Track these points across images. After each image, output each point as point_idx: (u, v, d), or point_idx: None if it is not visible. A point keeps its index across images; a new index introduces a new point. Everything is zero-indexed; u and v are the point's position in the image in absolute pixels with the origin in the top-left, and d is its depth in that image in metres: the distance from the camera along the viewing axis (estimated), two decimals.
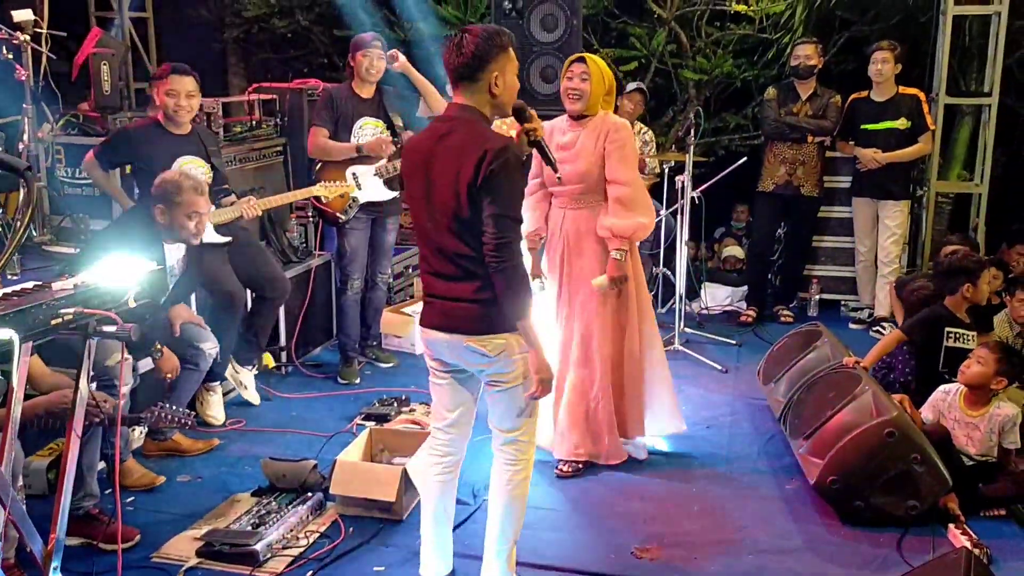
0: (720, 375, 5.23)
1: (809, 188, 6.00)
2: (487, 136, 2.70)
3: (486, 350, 2.76)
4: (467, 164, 2.64)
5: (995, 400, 3.74)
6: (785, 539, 3.49)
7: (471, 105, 2.76)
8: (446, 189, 2.70)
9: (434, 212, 2.75)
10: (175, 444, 4.13)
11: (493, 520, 2.97)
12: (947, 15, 6.19)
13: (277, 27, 8.20)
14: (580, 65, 3.74)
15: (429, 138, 2.80)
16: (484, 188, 2.63)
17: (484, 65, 2.70)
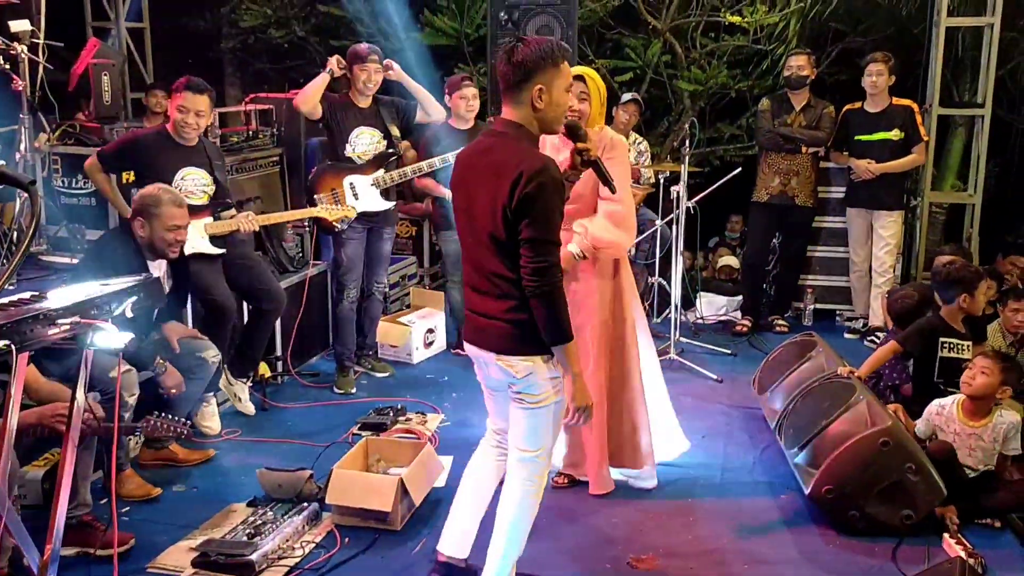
0: (715, 385, 5.24)
1: (803, 198, 6.03)
2: (524, 156, 2.61)
3: (513, 371, 2.73)
4: (503, 185, 2.58)
5: (997, 409, 3.75)
6: (780, 549, 3.49)
7: (516, 121, 2.69)
8: (484, 208, 2.66)
9: (473, 228, 2.73)
10: (171, 454, 4.12)
11: (500, 534, 2.91)
12: (940, 26, 6.23)
13: (274, 37, 8.24)
14: (579, 84, 3.54)
15: (475, 152, 2.78)
16: (519, 211, 2.57)
17: (530, 77, 2.63)
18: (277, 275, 5.01)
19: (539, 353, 2.71)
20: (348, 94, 4.95)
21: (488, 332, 2.76)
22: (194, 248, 4.35)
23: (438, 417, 4.71)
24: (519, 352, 2.71)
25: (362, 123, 4.94)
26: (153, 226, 3.71)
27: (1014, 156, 8.09)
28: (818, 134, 5.94)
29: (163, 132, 4.40)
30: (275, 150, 5.60)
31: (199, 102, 4.29)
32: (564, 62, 2.68)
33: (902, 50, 6.60)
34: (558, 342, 2.66)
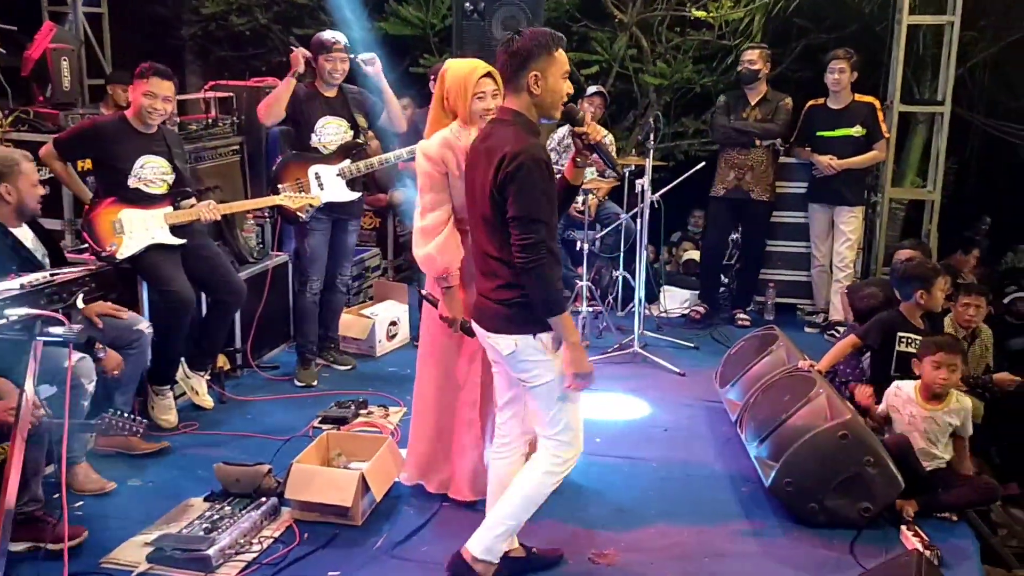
0: (678, 378, 5.26)
1: (759, 192, 6.07)
2: (509, 139, 2.75)
3: (500, 348, 2.88)
4: (491, 167, 2.75)
5: (953, 395, 3.81)
6: (741, 542, 3.51)
7: (514, 108, 2.83)
8: (478, 190, 2.85)
9: (473, 212, 2.93)
10: (125, 441, 4.03)
11: (507, 498, 2.99)
12: (902, 24, 6.30)
13: (235, 25, 8.10)
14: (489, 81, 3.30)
15: (478, 140, 2.95)
16: (502, 190, 2.72)
17: (525, 64, 2.76)
18: (237, 266, 4.93)
19: (521, 332, 2.82)
20: (314, 83, 4.88)
21: (482, 311, 2.95)
22: (154, 239, 4.28)
23: (401, 410, 4.67)
24: (503, 330, 2.86)
25: (328, 112, 4.88)
26: (20, 187, 3.60)
27: (973, 153, 8.21)
28: (771, 127, 5.98)
29: (122, 119, 4.31)
30: (235, 139, 5.50)
31: (166, 87, 4.23)
32: (559, 50, 2.79)
33: (865, 47, 6.66)
34: (551, 314, 2.76)
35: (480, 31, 5.89)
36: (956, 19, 6.26)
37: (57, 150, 4.27)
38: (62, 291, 3.04)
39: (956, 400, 3.80)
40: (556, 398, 2.89)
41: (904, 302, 4.30)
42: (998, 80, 7.77)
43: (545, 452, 2.97)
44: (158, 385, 4.35)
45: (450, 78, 3.37)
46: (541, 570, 3.24)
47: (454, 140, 3.32)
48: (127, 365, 3.97)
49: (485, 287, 2.92)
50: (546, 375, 2.86)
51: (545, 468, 2.96)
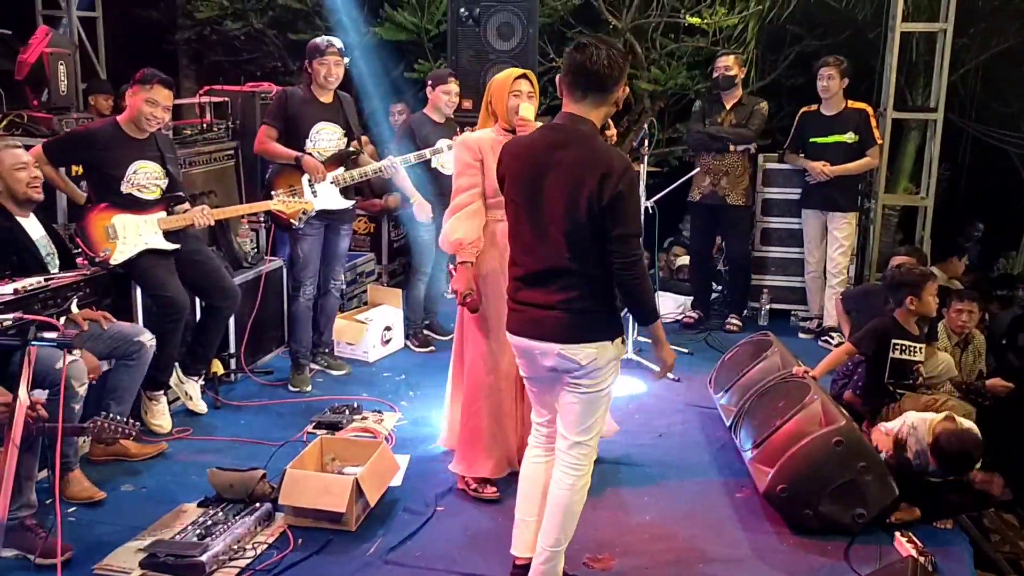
0: (672, 384, 5.26)
1: (735, 197, 6.08)
2: (610, 154, 2.76)
3: (578, 359, 2.82)
4: (589, 181, 2.68)
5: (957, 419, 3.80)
6: (735, 548, 3.51)
7: (586, 118, 2.79)
8: (561, 204, 2.74)
9: (541, 223, 2.80)
10: (122, 448, 4.02)
11: (554, 522, 2.97)
12: (895, 31, 6.32)
13: (230, 29, 8.11)
14: (525, 83, 3.71)
15: (542, 147, 2.82)
16: (611, 208, 2.68)
17: (619, 79, 2.78)
18: (231, 271, 4.92)
19: (605, 339, 2.84)
20: (310, 88, 4.87)
21: (546, 323, 2.84)
22: (148, 244, 4.27)
23: (395, 415, 4.67)
24: (584, 340, 2.81)
25: (323, 118, 4.87)
26: (4, 172, 3.64)
27: (965, 160, 8.26)
28: (744, 132, 5.99)
29: (114, 125, 4.29)
30: (230, 143, 5.50)
31: (167, 96, 4.25)
32: None
33: (858, 54, 6.69)
34: (652, 321, 2.88)
35: (475, 37, 5.91)
36: (949, 27, 6.29)
37: (47, 154, 4.23)
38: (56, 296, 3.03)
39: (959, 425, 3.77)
40: (602, 406, 2.94)
41: (897, 309, 4.31)
42: (989, 87, 7.82)
43: (567, 463, 2.95)
44: (152, 390, 4.34)
45: (494, 83, 3.78)
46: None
47: (494, 137, 3.66)
48: (124, 376, 3.97)
49: (555, 299, 2.82)
50: (608, 381, 2.91)
51: (576, 479, 2.96)
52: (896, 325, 4.25)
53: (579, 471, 2.95)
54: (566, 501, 2.96)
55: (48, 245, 3.83)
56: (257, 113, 5.56)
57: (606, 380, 2.89)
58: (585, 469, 2.97)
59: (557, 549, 2.99)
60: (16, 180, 3.66)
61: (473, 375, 3.83)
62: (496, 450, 3.83)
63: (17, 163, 3.68)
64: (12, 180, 3.65)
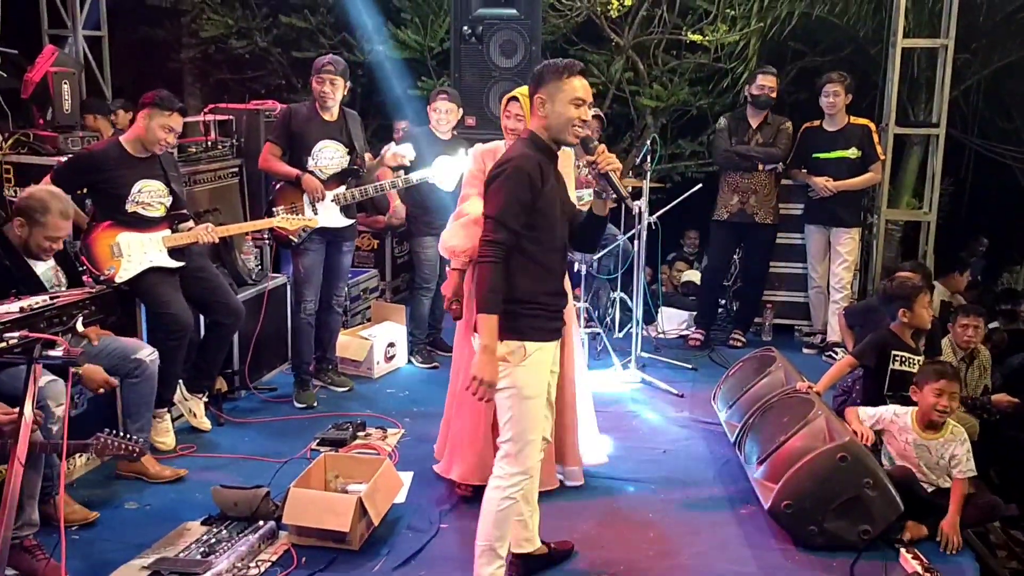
0: (676, 399, 5.26)
1: (763, 216, 6.09)
2: (511, 151, 2.98)
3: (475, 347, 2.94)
4: None
5: (950, 425, 3.79)
6: (740, 564, 3.50)
7: (531, 129, 3.02)
8: None
9: None
10: (142, 467, 4.02)
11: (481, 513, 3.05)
12: (896, 47, 6.34)
13: (235, 48, 8.16)
14: (515, 105, 3.87)
15: None
16: (486, 191, 2.92)
17: (536, 88, 2.96)
18: (235, 288, 4.94)
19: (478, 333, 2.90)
20: (314, 105, 4.90)
21: None
22: (152, 262, 4.29)
23: (398, 432, 4.66)
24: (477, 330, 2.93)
25: (326, 136, 4.89)
26: (33, 232, 3.62)
27: (967, 175, 8.27)
28: (773, 151, 6.01)
29: (117, 145, 4.30)
30: (234, 161, 5.53)
31: (180, 123, 4.32)
32: (569, 77, 2.91)
33: (859, 70, 6.72)
34: (480, 311, 2.85)
35: (478, 54, 5.94)
36: (950, 42, 6.32)
37: (56, 183, 4.23)
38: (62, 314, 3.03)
39: (951, 431, 3.78)
40: (507, 408, 2.95)
41: (892, 322, 4.31)
42: (992, 102, 7.84)
43: (496, 465, 3.02)
44: (155, 408, 4.34)
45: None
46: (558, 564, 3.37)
47: (498, 150, 3.87)
48: (130, 393, 3.97)
49: None
50: (503, 380, 2.90)
51: (493, 484, 3.00)
52: (895, 337, 4.25)
53: (499, 471, 2.99)
54: (486, 500, 3.01)
55: (55, 277, 3.82)
56: (261, 131, 5.58)
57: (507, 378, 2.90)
58: (504, 475, 2.97)
59: (482, 544, 3.01)
60: (40, 246, 3.65)
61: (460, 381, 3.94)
62: (469, 456, 3.88)
63: (56, 235, 3.66)
64: (36, 243, 3.64)
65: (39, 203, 3.64)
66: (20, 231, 3.63)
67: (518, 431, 2.96)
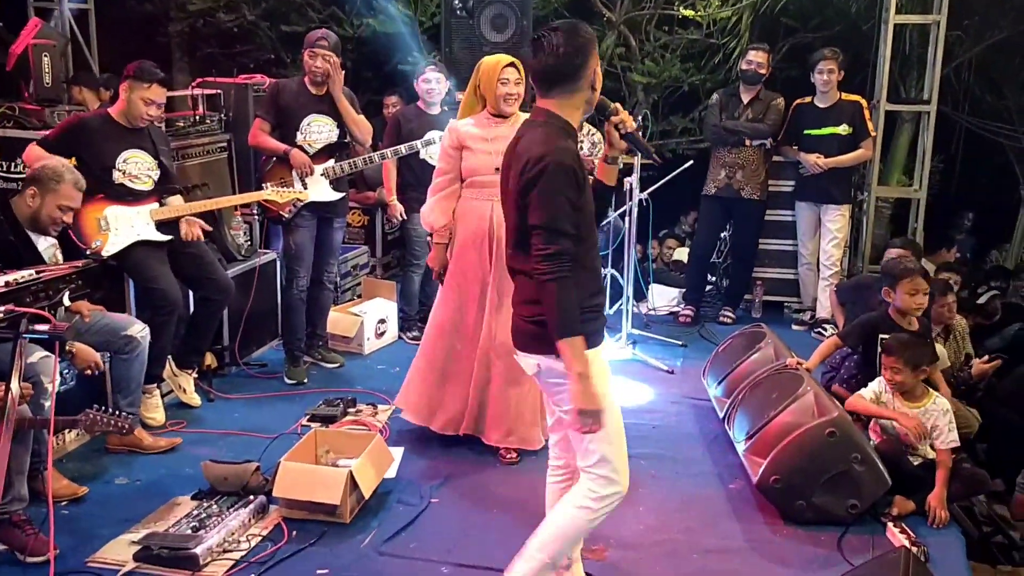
0: (666, 376, 5.27)
1: (750, 191, 6.08)
2: (535, 142, 2.55)
3: (526, 368, 2.68)
4: (517, 172, 2.55)
5: (931, 395, 3.82)
6: (729, 539, 3.52)
7: (551, 110, 2.61)
8: (508, 198, 2.66)
9: (508, 221, 2.70)
10: (136, 440, 4.01)
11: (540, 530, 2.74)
12: (888, 24, 6.33)
13: (223, 22, 8.08)
14: (512, 70, 3.93)
15: (512, 145, 2.68)
16: (524, 197, 2.53)
17: (582, 64, 2.56)
18: (225, 264, 4.91)
19: (544, 352, 2.58)
20: (304, 79, 4.86)
21: (513, 325, 2.72)
22: (140, 235, 4.27)
23: (389, 408, 4.66)
24: (528, 349, 2.65)
25: (315, 110, 4.85)
26: (46, 200, 3.61)
27: (958, 152, 8.28)
28: (760, 126, 5.99)
29: (106, 116, 4.29)
30: (223, 136, 5.48)
31: (163, 94, 4.30)
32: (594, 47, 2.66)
33: (851, 47, 6.69)
34: (560, 335, 2.48)
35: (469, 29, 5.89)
36: (942, 19, 6.30)
37: (45, 149, 4.21)
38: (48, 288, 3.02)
39: (933, 401, 3.80)
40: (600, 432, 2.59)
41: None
42: (983, 79, 7.83)
43: (581, 484, 2.69)
44: (145, 383, 4.33)
45: (483, 68, 3.99)
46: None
47: (477, 123, 3.97)
48: (121, 369, 3.97)
49: (514, 300, 2.73)
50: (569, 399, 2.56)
51: (578, 503, 2.67)
52: (887, 320, 4.22)
53: (588, 493, 2.66)
54: (560, 515, 2.72)
55: (55, 256, 3.80)
56: (250, 105, 5.53)
57: (566, 401, 2.59)
58: (596, 497, 2.65)
59: (534, 560, 2.70)
60: (51, 216, 3.63)
61: (433, 333, 4.18)
62: (425, 400, 4.16)
63: (67, 204, 3.65)
64: (47, 213, 3.62)
65: (52, 171, 3.64)
66: (32, 201, 3.61)
67: (607, 450, 2.62)
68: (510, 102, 3.94)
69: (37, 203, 3.61)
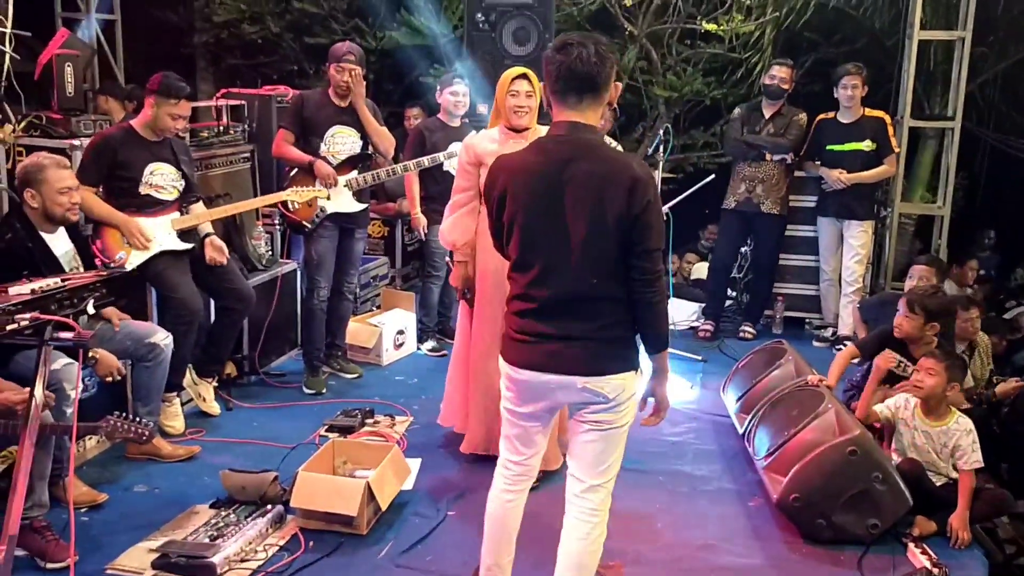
0: (685, 390, 5.24)
1: (770, 205, 6.05)
2: (630, 161, 2.55)
3: (605, 392, 2.59)
4: (616, 194, 2.45)
5: (954, 414, 3.76)
6: (748, 557, 3.49)
7: (588, 124, 2.56)
8: (584, 223, 2.49)
9: (561, 247, 2.53)
10: (155, 448, 4.04)
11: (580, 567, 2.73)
12: (913, 39, 6.30)
13: (247, 33, 8.15)
14: (524, 82, 3.86)
15: (551, 163, 2.53)
16: (641, 219, 2.46)
17: (610, 76, 2.56)
18: (246, 273, 4.94)
19: (631, 369, 2.63)
20: (327, 91, 4.89)
21: (569, 355, 2.58)
22: (162, 245, 4.30)
23: (407, 420, 4.67)
24: (612, 371, 2.59)
25: (338, 122, 4.88)
26: (43, 192, 3.63)
27: (982, 169, 8.21)
28: (781, 141, 5.97)
29: (128, 129, 4.32)
30: (246, 146, 5.52)
31: (188, 109, 4.34)
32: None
33: (874, 62, 6.66)
34: (662, 349, 2.64)
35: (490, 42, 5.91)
36: (967, 35, 6.26)
37: (83, 182, 4.10)
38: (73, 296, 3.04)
39: (956, 421, 3.73)
40: (621, 443, 2.72)
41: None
42: (1008, 96, 7.77)
43: (587, 507, 2.72)
44: (165, 392, 4.36)
45: (498, 83, 3.92)
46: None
47: (493, 139, 3.89)
48: (143, 376, 4.00)
49: (579, 328, 2.57)
50: (632, 414, 2.69)
51: (597, 532, 2.74)
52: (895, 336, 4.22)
53: (596, 517, 2.71)
54: (581, 551, 2.71)
55: (73, 259, 3.83)
56: (273, 116, 5.58)
57: (630, 413, 2.67)
58: (601, 516, 2.72)
59: None
60: (56, 203, 3.65)
61: (475, 360, 4.04)
62: (482, 423, 4.03)
63: (63, 186, 3.67)
64: (52, 202, 3.65)
65: (33, 166, 3.67)
66: (34, 201, 3.64)
67: (617, 467, 2.76)
68: (520, 114, 3.83)
69: (39, 200, 3.64)
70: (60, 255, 3.73)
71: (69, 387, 3.41)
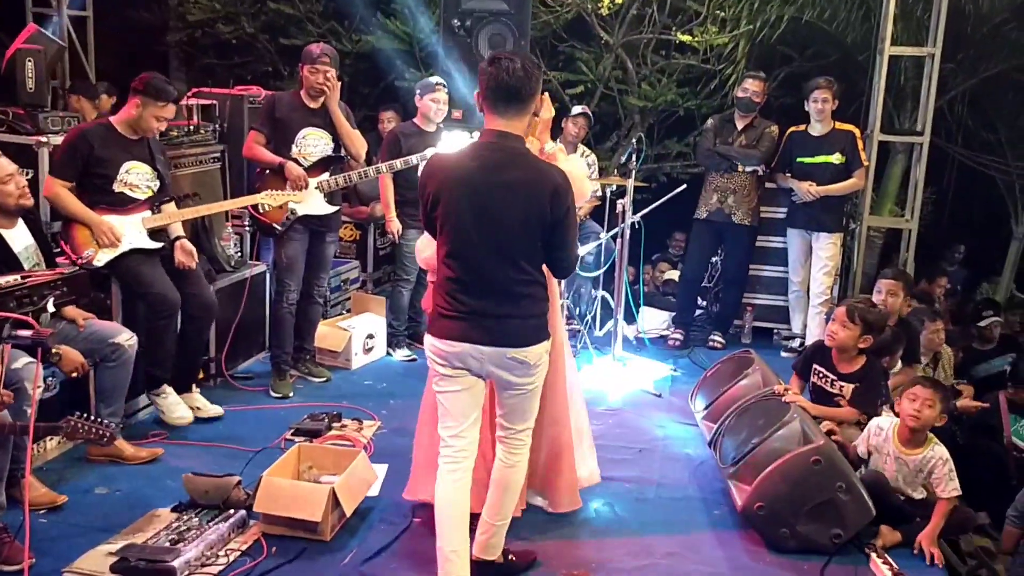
0: (653, 399, 5.26)
1: (741, 216, 6.10)
2: (552, 170, 2.91)
3: (528, 359, 2.96)
4: (542, 199, 2.82)
5: (931, 442, 3.76)
6: (712, 565, 3.50)
7: (514, 134, 2.90)
8: (517, 222, 2.86)
9: (493, 241, 2.87)
10: (117, 450, 3.97)
11: (498, 500, 3.15)
12: (884, 55, 6.37)
13: (222, 32, 8.10)
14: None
15: (484, 168, 2.87)
16: (561, 221, 2.87)
17: (536, 90, 2.90)
18: (213, 275, 4.89)
19: (547, 338, 3.05)
20: (298, 93, 4.86)
21: (501, 330, 2.93)
22: (132, 244, 4.25)
23: (375, 424, 4.64)
24: (536, 340, 2.98)
25: (311, 123, 4.85)
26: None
27: (950, 184, 8.32)
28: (752, 152, 6.02)
29: (107, 125, 4.28)
30: (216, 146, 5.47)
31: (173, 111, 4.31)
32: None
33: (846, 77, 6.74)
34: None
35: (466, 48, 5.91)
36: (937, 52, 6.34)
37: (59, 177, 4.15)
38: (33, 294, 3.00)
39: (932, 449, 3.72)
40: (538, 395, 3.12)
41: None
42: (976, 113, 7.88)
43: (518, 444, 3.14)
44: (154, 389, 4.30)
45: None
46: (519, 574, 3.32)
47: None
48: (106, 377, 3.93)
49: (508, 309, 2.93)
50: (543, 377, 3.08)
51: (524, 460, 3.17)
52: (821, 349, 4.26)
53: (523, 450, 3.15)
54: (514, 478, 3.14)
55: (34, 255, 3.77)
56: (245, 116, 5.54)
57: (542, 374, 3.07)
58: (526, 449, 3.17)
59: (502, 523, 3.17)
60: (5, 194, 3.61)
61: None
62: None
63: (4, 175, 3.62)
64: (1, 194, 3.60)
65: None
66: None
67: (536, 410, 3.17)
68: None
69: None
70: (19, 251, 3.67)
71: (30, 386, 3.33)
